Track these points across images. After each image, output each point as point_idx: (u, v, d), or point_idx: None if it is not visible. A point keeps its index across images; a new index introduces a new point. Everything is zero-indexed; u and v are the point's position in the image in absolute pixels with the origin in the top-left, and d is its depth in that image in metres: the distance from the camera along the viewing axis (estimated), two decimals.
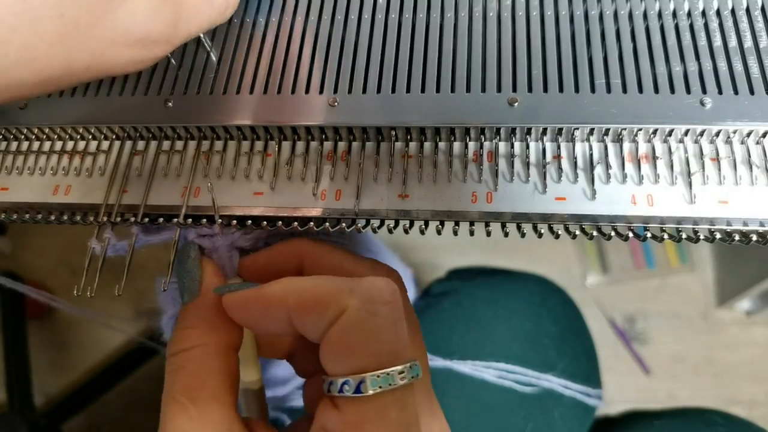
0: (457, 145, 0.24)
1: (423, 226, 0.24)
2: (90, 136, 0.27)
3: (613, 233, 0.23)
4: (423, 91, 0.24)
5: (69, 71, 0.20)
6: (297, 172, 0.25)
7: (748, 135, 0.22)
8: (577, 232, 0.23)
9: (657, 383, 0.94)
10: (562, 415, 0.43)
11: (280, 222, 0.24)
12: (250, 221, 0.24)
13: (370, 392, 0.18)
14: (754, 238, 0.22)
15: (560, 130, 0.23)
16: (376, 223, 0.24)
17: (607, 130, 0.23)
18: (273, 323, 0.21)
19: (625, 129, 0.23)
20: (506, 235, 0.24)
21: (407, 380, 0.19)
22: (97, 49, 0.20)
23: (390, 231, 0.24)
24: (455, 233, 0.24)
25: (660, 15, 0.24)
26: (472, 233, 0.24)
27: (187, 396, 0.20)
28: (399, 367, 0.19)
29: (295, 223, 0.24)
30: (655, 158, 0.23)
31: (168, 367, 0.21)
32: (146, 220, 0.25)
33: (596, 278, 1.01)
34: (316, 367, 0.23)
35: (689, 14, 0.24)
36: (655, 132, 0.23)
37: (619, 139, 0.23)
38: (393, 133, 0.24)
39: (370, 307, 0.19)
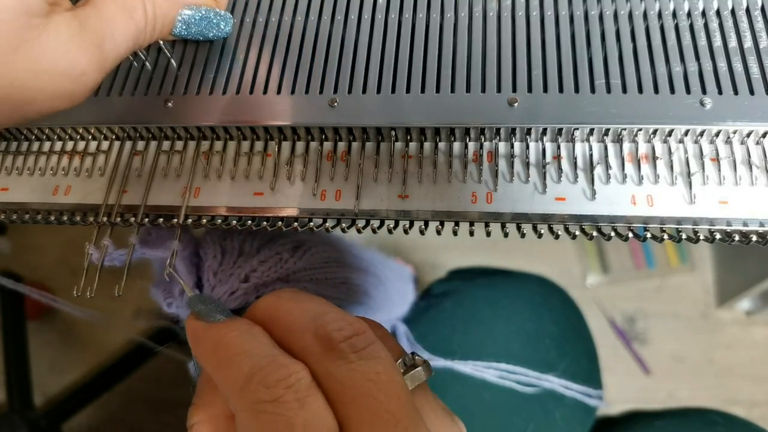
0: (456, 146, 0.24)
1: (423, 227, 0.24)
2: (90, 137, 0.27)
3: (612, 233, 0.23)
4: (423, 91, 0.24)
5: None
6: (297, 172, 0.25)
7: (748, 135, 0.22)
8: (577, 233, 0.23)
9: (657, 383, 0.94)
10: (563, 415, 0.43)
11: (280, 222, 0.24)
12: (250, 221, 0.24)
13: None
14: (754, 238, 0.22)
15: (560, 130, 0.23)
16: (376, 223, 0.24)
17: (607, 130, 0.23)
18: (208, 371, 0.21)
19: (625, 129, 0.23)
20: (506, 235, 0.24)
21: None
22: (17, 78, 0.20)
23: (390, 231, 0.24)
24: (455, 233, 0.24)
25: (660, 15, 0.24)
26: (471, 233, 0.24)
27: None
28: None
29: (296, 223, 0.24)
30: (655, 158, 0.23)
31: None
32: (146, 220, 0.25)
33: (596, 278, 1.01)
34: None
35: (689, 14, 0.24)
36: (654, 132, 0.23)
37: (618, 140, 0.23)
38: (393, 133, 0.24)
39: (254, 407, 0.18)
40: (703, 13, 0.24)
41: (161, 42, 0.26)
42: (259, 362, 0.18)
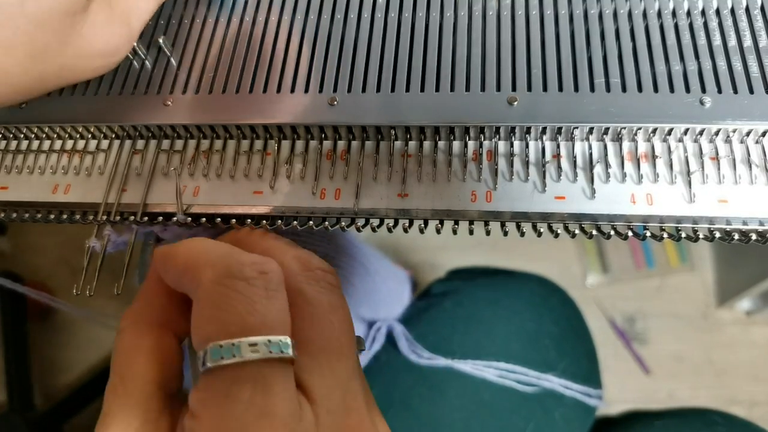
0: (456, 144, 0.24)
1: (422, 226, 0.24)
2: (90, 136, 0.27)
3: (612, 232, 0.23)
4: (422, 90, 0.24)
5: (41, 83, 0.24)
6: (296, 171, 0.25)
7: (748, 134, 0.22)
8: (577, 231, 0.23)
9: (657, 383, 0.94)
10: (562, 415, 0.43)
11: (280, 221, 0.24)
12: (249, 220, 0.24)
13: (209, 364, 0.17)
14: (754, 237, 0.22)
15: (559, 129, 0.23)
16: (375, 222, 0.24)
17: (607, 129, 0.23)
18: (169, 281, 0.21)
19: (624, 128, 0.23)
20: (505, 234, 0.24)
21: (264, 354, 0.17)
22: (66, 63, 0.24)
23: (389, 230, 0.24)
24: (455, 232, 0.24)
25: (659, 14, 0.24)
26: (471, 232, 0.24)
27: (117, 373, 0.20)
28: (251, 339, 0.17)
29: (295, 222, 0.24)
30: (654, 157, 0.23)
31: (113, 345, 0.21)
32: (146, 219, 0.25)
33: (596, 278, 1.01)
34: None
35: (689, 13, 0.24)
36: (654, 131, 0.23)
37: (618, 138, 0.23)
38: (392, 132, 0.24)
39: (224, 281, 0.18)
40: (703, 12, 0.24)
41: (161, 41, 0.26)
42: (236, 251, 0.19)
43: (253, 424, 0.16)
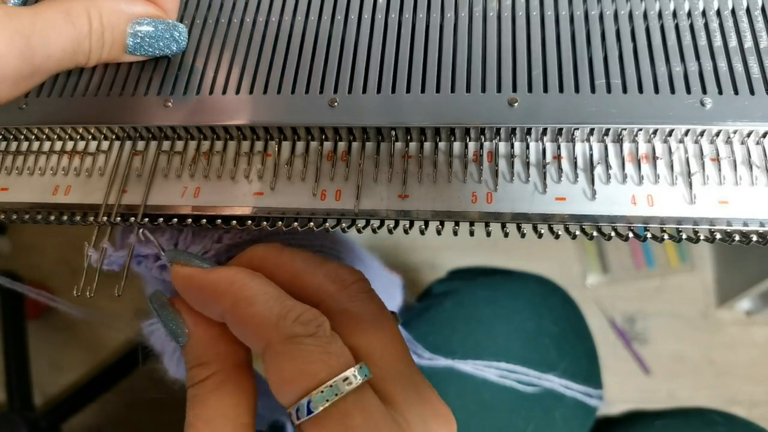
0: (457, 146, 0.24)
1: (423, 227, 0.24)
2: (90, 136, 0.27)
3: (613, 233, 0.23)
4: (423, 91, 0.24)
5: None
6: (297, 172, 0.25)
7: (749, 135, 0.22)
8: (577, 233, 0.23)
9: (657, 383, 0.94)
10: (563, 415, 0.43)
11: (280, 222, 0.24)
12: (250, 221, 0.24)
13: (320, 408, 0.19)
14: (755, 238, 0.22)
15: (560, 130, 0.23)
16: (376, 223, 0.24)
17: (607, 130, 0.23)
18: (211, 313, 0.22)
19: (625, 129, 0.22)
20: (506, 235, 0.24)
21: (356, 383, 0.19)
22: None
23: (390, 231, 0.24)
24: (455, 233, 0.24)
25: (660, 15, 0.24)
26: (472, 233, 0.24)
27: (203, 420, 0.21)
28: (342, 375, 0.19)
29: (296, 223, 0.24)
30: (655, 158, 0.23)
31: (187, 400, 0.22)
32: (146, 220, 0.25)
33: (596, 278, 1.01)
34: None
35: (689, 14, 0.24)
36: (655, 132, 0.23)
37: (619, 140, 0.23)
38: (393, 133, 0.24)
39: (293, 339, 0.20)
40: (704, 13, 0.24)
41: None
42: (287, 303, 0.21)
43: None
